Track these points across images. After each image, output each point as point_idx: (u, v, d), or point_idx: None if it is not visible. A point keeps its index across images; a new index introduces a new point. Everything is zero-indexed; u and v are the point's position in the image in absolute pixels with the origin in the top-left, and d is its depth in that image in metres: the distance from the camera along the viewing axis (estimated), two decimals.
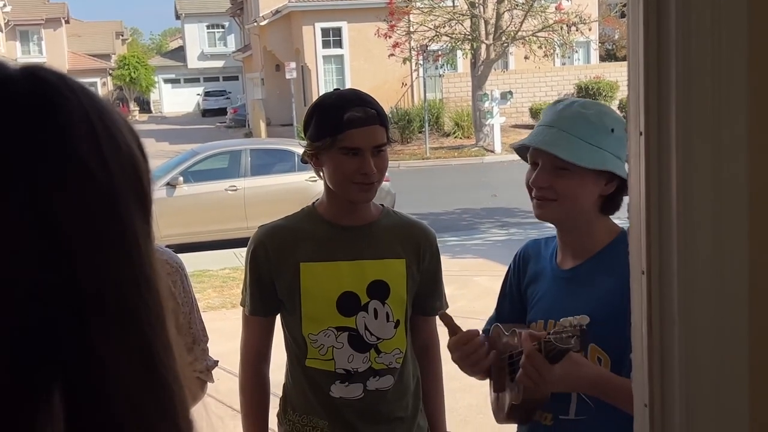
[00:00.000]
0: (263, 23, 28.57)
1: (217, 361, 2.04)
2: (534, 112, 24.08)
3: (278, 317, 2.22)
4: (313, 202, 2.21)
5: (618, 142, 1.74)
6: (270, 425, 2.25)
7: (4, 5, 38.04)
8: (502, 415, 1.88)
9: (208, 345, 1.99)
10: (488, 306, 1.89)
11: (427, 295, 2.23)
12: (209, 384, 1.95)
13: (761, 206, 0.94)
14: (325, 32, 26.77)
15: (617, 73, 25.82)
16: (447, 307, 2.28)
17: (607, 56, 32.54)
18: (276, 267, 2.12)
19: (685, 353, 1.00)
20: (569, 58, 26.84)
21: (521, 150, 1.89)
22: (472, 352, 1.81)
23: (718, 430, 0.98)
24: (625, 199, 1.46)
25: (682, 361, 1.00)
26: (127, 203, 0.63)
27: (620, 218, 1.67)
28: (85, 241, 0.59)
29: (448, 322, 1.86)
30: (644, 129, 1.00)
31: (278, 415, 2.24)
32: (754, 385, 0.95)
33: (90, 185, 0.61)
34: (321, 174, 2.11)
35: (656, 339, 1.02)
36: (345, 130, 2.01)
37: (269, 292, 2.14)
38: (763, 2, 0.92)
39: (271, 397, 2.26)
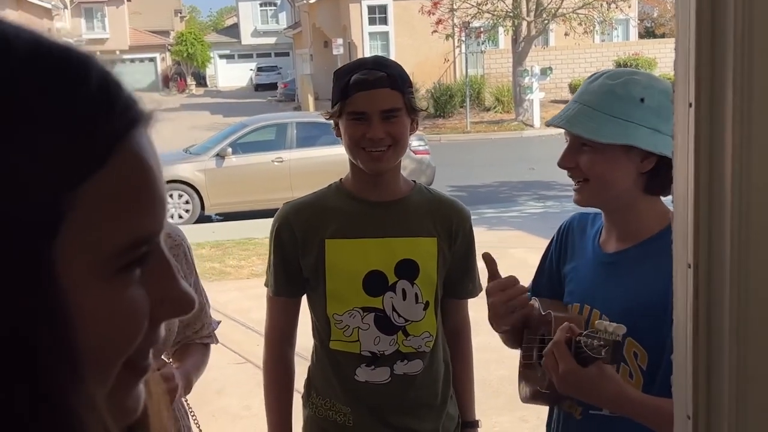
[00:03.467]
0: (312, 1, 28.40)
1: (219, 322, 2.06)
2: (573, 88, 23.61)
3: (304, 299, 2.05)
4: (341, 178, 2.02)
5: (652, 112, 1.52)
6: (295, 406, 2.09)
7: None
8: (526, 395, 1.72)
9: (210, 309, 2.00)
10: (523, 278, 1.70)
11: (459, 277, 2.03)
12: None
13: None
14: (371, 10, 26.49)
15: (656, 50, 25.21)
16: (481, 290, 2.06)
17: (646, 33, 31.81)
18: (301, 245, 1.94)
19: (736, 358, 0.82)
20: (608, 35, 26.22)
21: None
22: (513, 297, 1.62)
23: None
24: None
25: (732, 367, 0.82)
26: None
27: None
28: None
29: (490, 263, 1.68)
30: (694, 99, 0.82)
31: (303, 397, 2.08)
32: None
33: None
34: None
35: (702, 342, 0.85)
36: (351, 94, 1.83)
37: (294, 271, 1.97)
38: None
39: (296, 377, 2.10)
